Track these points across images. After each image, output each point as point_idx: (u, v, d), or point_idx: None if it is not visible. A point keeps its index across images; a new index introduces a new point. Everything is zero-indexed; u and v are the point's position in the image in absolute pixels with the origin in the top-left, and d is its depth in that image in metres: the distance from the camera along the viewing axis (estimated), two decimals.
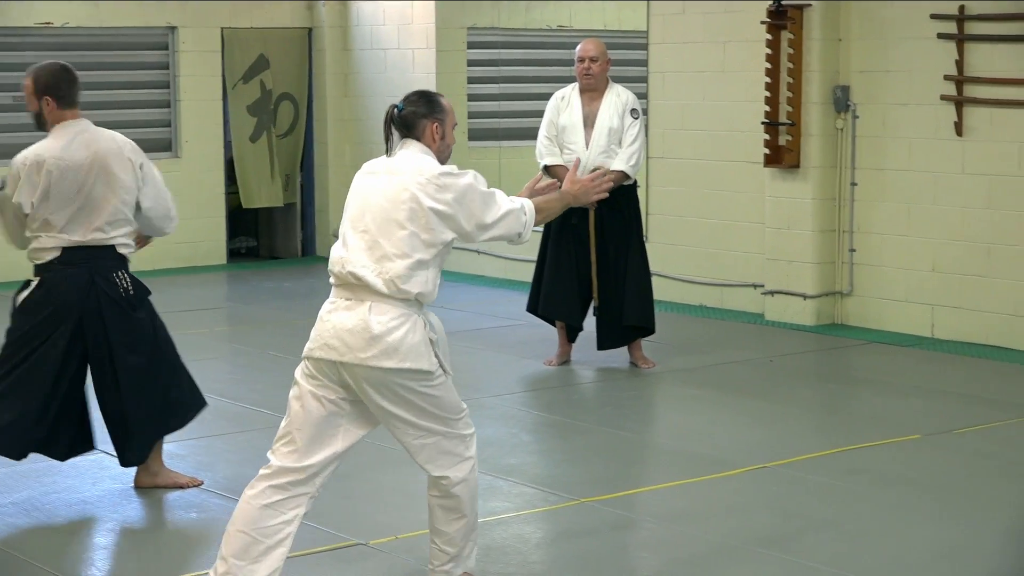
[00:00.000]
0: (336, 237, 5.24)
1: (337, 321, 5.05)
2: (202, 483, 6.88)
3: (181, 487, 6.82)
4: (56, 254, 6.47)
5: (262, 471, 5.11)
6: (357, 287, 5.04)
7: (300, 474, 5.07)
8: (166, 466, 6.90)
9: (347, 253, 5.07)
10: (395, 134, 5.25)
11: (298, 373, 5.16)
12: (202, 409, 6.96)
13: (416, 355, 5.02)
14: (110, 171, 6.53)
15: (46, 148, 6.49)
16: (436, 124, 5.25)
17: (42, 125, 6.62)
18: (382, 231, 5.05)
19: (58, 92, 6.58)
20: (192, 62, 14.25)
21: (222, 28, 14.35)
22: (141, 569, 5.82)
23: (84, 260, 6.48)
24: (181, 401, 6.83)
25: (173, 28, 14.16)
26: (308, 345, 5.13)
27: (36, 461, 6.76)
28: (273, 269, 14.44)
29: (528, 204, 5.34)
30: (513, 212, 5.27)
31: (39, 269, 6.52)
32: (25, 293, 6.53)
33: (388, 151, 5.22)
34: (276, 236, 15.31)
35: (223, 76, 14.36)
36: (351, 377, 5.04)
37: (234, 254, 14.91)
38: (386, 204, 5.07)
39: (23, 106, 6.77)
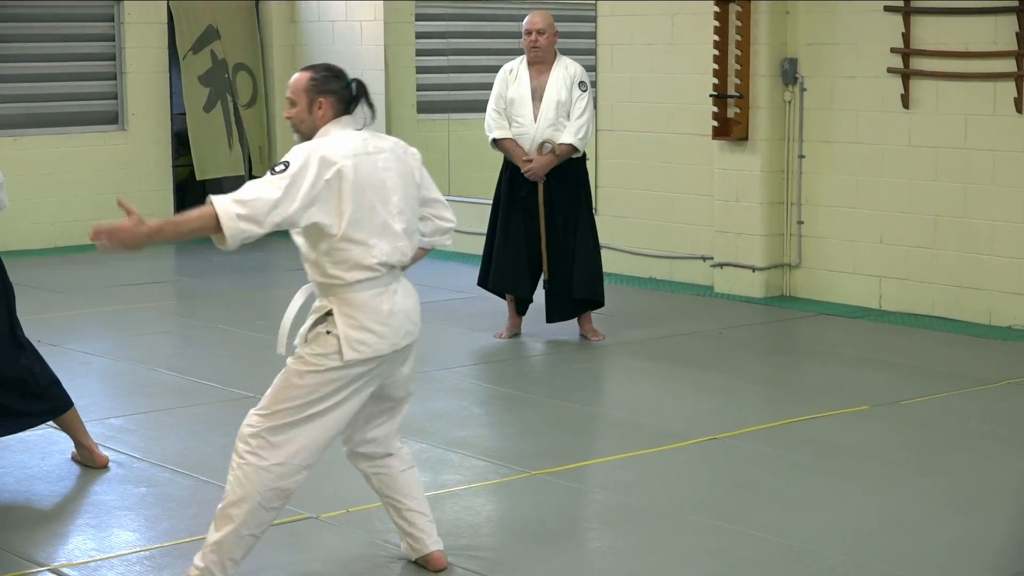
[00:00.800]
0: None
1: (406, 306, 5.16)
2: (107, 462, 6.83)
3: (87, 464, 6.76)
4: None
5: (278, 477, 5.01)
6: (398, 270, 5.14)
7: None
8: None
9: (399, 242, 5.10)
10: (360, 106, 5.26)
11: (335, 380, 5.00)
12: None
13: None
14: None
15: None
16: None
17: None
18: (412, 209, 5.20)
19: None
20: (138, 34, 14.13)
21: (168, 0, 14.24)
22: (94, 544, 5.80)
23: None
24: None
25: (118, 0, 14.04)
26: (380, 342, 5.02)
27: None
28: None
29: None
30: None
31: None
32: None
33: (369, 122, 5.26)
34: None
35: (169, 48, 14.26)
36: (403, 355, 5.19)
37: None
38: (406, 184, 5.17)
39: None
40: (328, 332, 4.99)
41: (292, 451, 5.00)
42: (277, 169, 4.90)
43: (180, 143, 14.84)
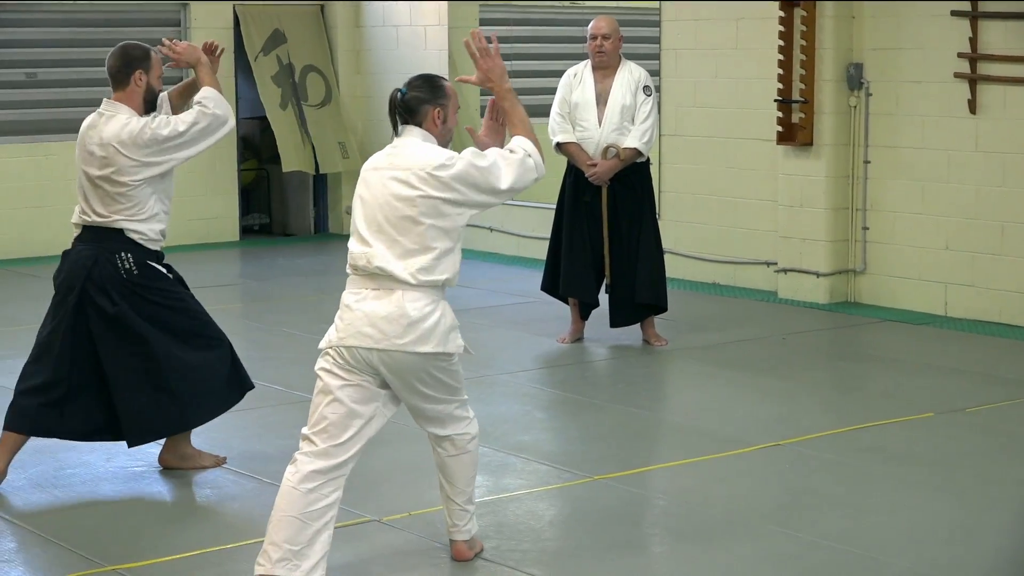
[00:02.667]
0: (349, 214, 5.31)
1: (369, 309, 5.14)
2: (225, 461, 6.88)
3: (205, 468, 6.82)
4: (77, 231, 6.69)
5: (301, 458, 5.16)
6: (384, 278, 5.14)
7: (339, 458, 5.17)
8: (194, 448, 6.88)
9: (371, 249, 5.14)
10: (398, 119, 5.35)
11: (323, 366, 5.23)
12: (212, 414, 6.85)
13: (449, 339, 5.22)
14: (99, 157, 6.51)
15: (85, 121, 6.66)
16: (438, 110, 5.33)
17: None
18: (399, 229, 5.15)
19: (143, 65, 6.65)
20: (204, 38, 14.07)
21: (234, 4, 14.34)
22: (154, 545, 5.84)
23: (93, 239, 6.57)
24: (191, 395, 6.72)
25: (185, 5, 14.15)
26: (335, 335, 5.20)
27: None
28: (286, 246, 14.45)
29: (524, 143, 5.34)
30: (518, 162, 5.29)
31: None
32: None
33: (396, 135, 5.33)
34: (289, 213, 15.31)
35: (235, 52, 14.35)
36: (384, 363, 5.15)
37: (247, 231, 14.92)
38: (397, 203, 5.16)
39: (36, 82, 6.78)
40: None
41: (312, 430, 5.21)
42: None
43: (246, 147, 14.93)
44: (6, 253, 13.10)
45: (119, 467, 6.87)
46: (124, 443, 6.78)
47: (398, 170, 5.19)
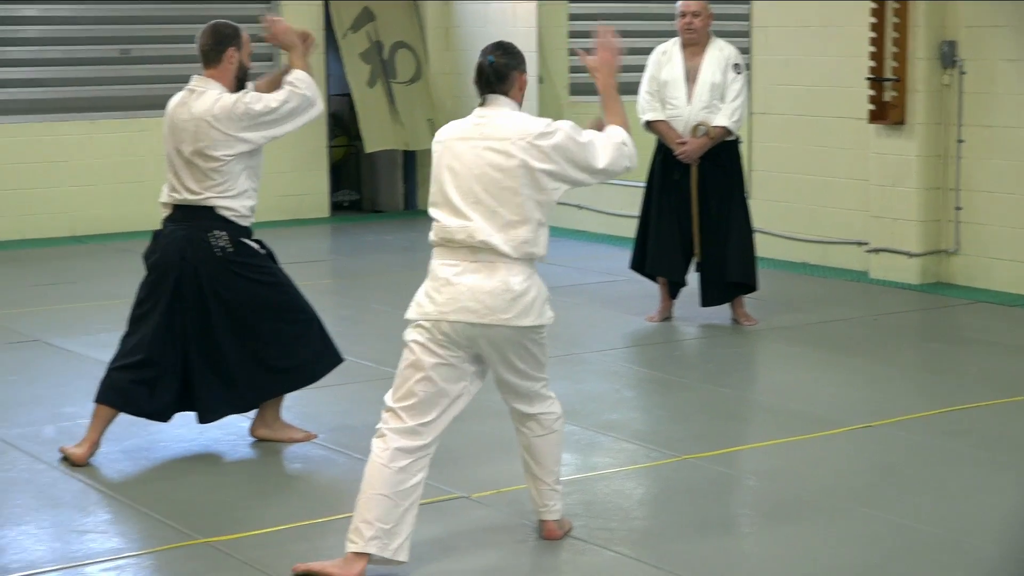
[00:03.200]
0: None
1: (472, 283, 5.13)
2: (316, 436, 6.94)
3: (296, 441, 6.88)
4: (168, 211, 6.70)
5: (389, 434, 5.16)
6: (485, 251, 5.13)
7: (426, 438, 5.19)
8: (284, 421, 6.95)
9: (471, 223, 5.12)
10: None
11: (416, 339, 5.18)
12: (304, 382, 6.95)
13: (545, 311, 5.25)
14: (191, 132, 6.57)
15: (173, 100, 6.70)
16: (524, 76, 5.39)
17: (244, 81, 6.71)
18: (499, 200, 5.14)
19: (199, 51, 6.65)
20: (294, 15, 14.29)
21: None
22: (243, 518, 5.90)
23: (186, 218, 6.61)
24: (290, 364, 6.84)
25: None
26: (433, 308, 5.15)
27: None
28: (376, 222, 14.51)
29: (620, 133, 5.36)
30: (615, 146, 5.31)
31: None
32: (143, 251, 6.70)
33: (482, 104, 5.32)
34: (379, 189, 15.38)
35: (325, 29, 14.42)
36: (485, 337, 5.15)
37: (337, 207, 15.00)
38: (496, 174, 5.14)
39: (129, 59, 6.83)
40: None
41: (394, 407, 5.22)
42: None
43: (336, 124, 15.00)
44: (102, 228, 13.25)
45: (212, 440, 6.94)
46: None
47: (492, 140, 5.17)
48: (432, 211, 5.21)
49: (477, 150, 5.17)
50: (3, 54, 13.17)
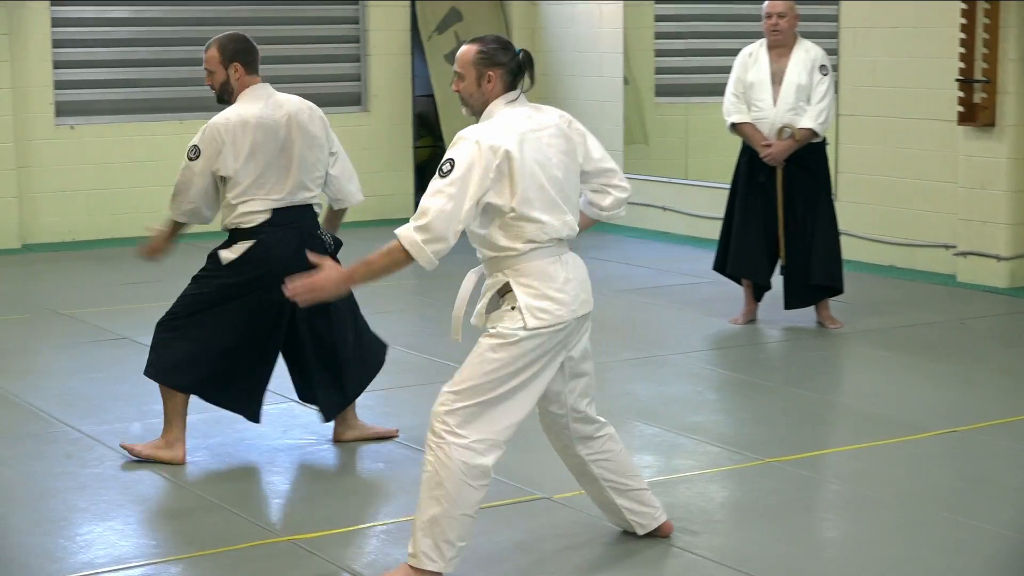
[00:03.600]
0: None
1: (578, 275, 5.14)
2: (397, 433, 6.97)
3: (379, 439, 6.91)
4: (267, 216, 6.54)
5: (484, 453, 4.98)
6: (568, 241, 5.14)
7: (504, 451, 5.11)
8: (359, 418, 7.00)
9: (568, 216, 5.10)
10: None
11: (528, 352, 5.00)
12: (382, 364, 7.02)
13: None
14: (306, 129, 6.62)
15: (245, 109, 6.57)
16: None
17: (227, 94, 6.70)
18: (575, 185, 5.19)
19: (245, 58, 6.65)
20: (381, 15, 14.38)
21: None
22: (328, 517, 5.93)
23: (292, 220, 6.58)
24: (372, 350, 6.94)
25: None
26: (567, 310, 5.03)
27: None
28: None
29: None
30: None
31: (247, 233, 6.56)
32: (235, 253, 6.59)
33: (527, 89, 5.23)
34: None
35: (411, 30, 14.48)
36: (582, 328, 5.17)
37: None
38: (568, 160, 5.15)
39: (200, 60, 6.87)
40: (512, 308, 5.02)
41: (490, 427, 5.00)
42: (444, 170, 4.92)
43: (421, 124, 15.06)
44: (190, 228, 13.37)
45: (295, 439, 6.99)
46: (300, 416, 6.88)
47: (549, 128, 5.12)
48: (530, 213, 5.00)
49: (546, 140, 5.09)
50: (94, 55, 13.32)
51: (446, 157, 4.95)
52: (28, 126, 12.96)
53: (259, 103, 6.60)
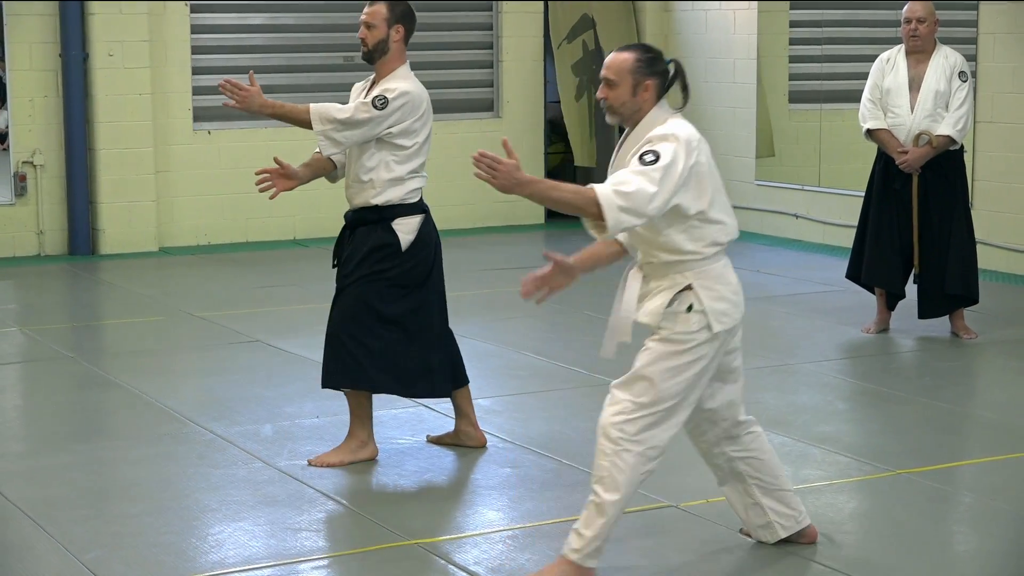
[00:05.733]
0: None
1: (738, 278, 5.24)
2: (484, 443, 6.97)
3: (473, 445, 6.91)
4: (421, 193, 6.71)
5: (655, 456, 5.07)
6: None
7: None
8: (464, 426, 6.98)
9: (735, 219, 5.19)
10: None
11: (706, 355, 5.09)
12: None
13: None
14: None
15: (418, 87, 6.60)
16: None
17: (379, 54, 6.59)
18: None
19: (409, 24, 6.64)
20: (515, 22, 14.42)
21: None
22: (459, 521, 5.95)
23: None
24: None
25: None
26: (740, 312, 5.16)
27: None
28: None
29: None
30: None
31: (411, 208, 6.64)
32: (411, 233, 6.62)
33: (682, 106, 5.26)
34: None
35: (545, 37, 14.50)
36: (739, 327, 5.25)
37: (552, 214, 15.04)
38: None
39: (352, 66, 6.90)
40: (689, 309, 5.05)
41: (664, 433, 5.08)
42: (647, 159, 4.95)
43: (553, 130, 15.07)
44: (323, 232, 13.48)
45: (422, 443, 7.02)
46: (428, 420, 6.93)
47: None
48: (716, 215, 5.08)
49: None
50: (231, 61, 13.50)
51: (647, 149, 4.98)
52: (167, 131, 13.18)
53: (414, 81, 6.61)
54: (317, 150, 6.77)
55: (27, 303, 11.10)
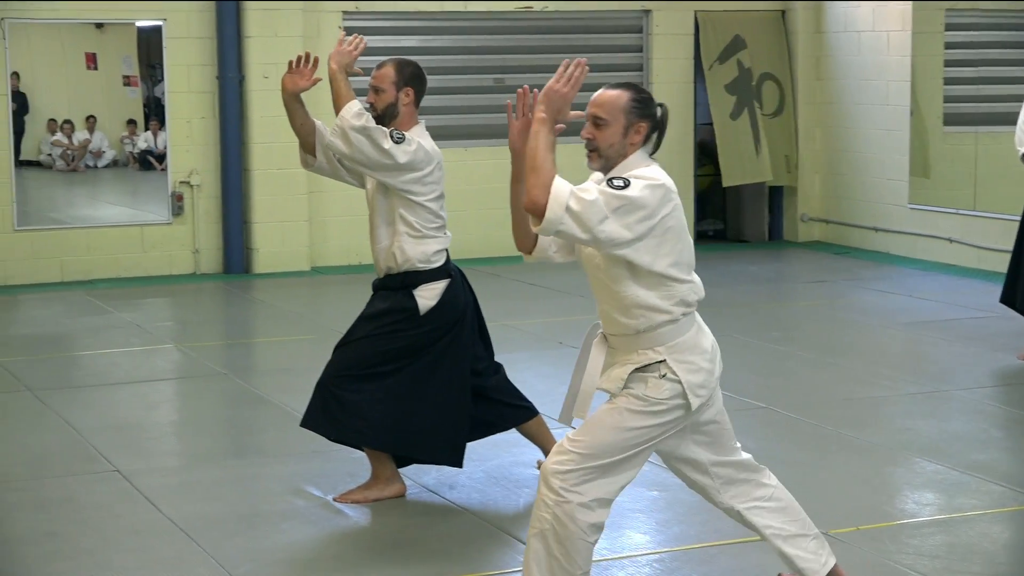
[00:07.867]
0: (804, 222, 5.12)
1: (712, 337, 4.96)
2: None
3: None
4: (447, 255, 6.53)
5: (592, 511, 4.79)
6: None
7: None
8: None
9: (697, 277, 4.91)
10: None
11: (672, 421, 4.81)
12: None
13: None
14: None
15: (431, 144, 6.47)
16: None
17: (389, 118, 6.40)
18: None
19: (419, 86, 6.52)
20: (665, 44, 14.41)
21: (696, 11, 14.44)
22: (605, 544, 5.94)
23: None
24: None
25: (648, 11, 14.35)
26: (711, 382, 4.89)
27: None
28: (739, 252, 14.44)
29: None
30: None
31: (435, 273, 6.47)
32: (433, 299, 6.44)
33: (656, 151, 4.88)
34: (744, 219, 15.31)
35: (695, 59, 14.46)
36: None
37: (701, 236, 15.00)
38: None
39: (503, 88, 6.86)
40: (662, 376, 4.76)
41: (609, 487, 4.79)
42: (616, 184, 4.58)
43: (703, 153, 15.01)
44: (471, 253, 13.56)
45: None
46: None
47: None
48: (689, 275, 4.83)
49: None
50: None
51: (619, 176, 4.62)
52: None
53: (431, 142, 6.47)
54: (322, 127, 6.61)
55: (183, 320, 11.32)
